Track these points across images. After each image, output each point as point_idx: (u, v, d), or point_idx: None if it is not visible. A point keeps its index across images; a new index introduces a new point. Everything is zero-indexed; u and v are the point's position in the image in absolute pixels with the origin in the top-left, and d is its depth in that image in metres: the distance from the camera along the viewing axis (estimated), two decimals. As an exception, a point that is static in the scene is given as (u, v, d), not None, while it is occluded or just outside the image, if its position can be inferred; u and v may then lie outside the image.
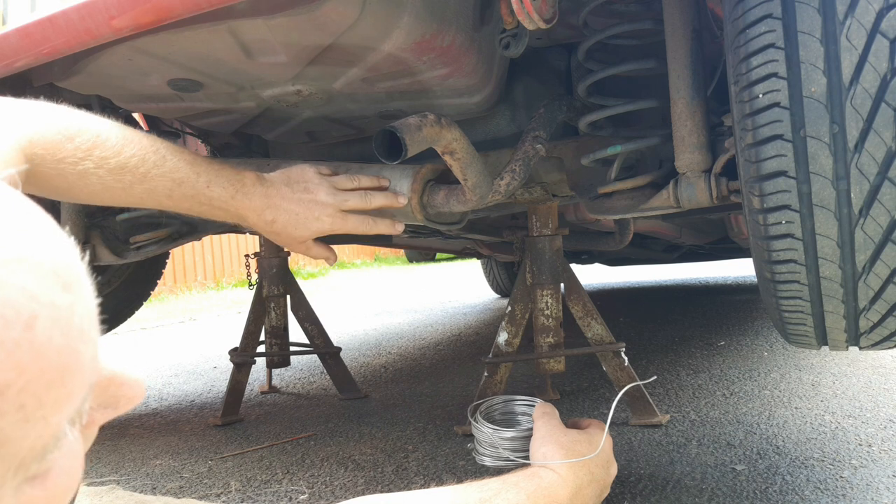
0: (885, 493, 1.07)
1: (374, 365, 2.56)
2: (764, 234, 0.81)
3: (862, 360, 2.00)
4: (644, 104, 1.17)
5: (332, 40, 1.00)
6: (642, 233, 2.24)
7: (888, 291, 0.79)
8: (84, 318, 0.32)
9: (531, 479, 0.87)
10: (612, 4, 1.16)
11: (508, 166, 1.21)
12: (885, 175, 0.73)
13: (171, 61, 1.09)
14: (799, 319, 0.88)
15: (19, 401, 0.28)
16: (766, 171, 0.77)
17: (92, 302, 0.34)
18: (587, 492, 0.90)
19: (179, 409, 2.11)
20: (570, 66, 1.44)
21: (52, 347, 0.30)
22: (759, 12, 0.77)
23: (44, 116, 0.82)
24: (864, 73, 0.71)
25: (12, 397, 0.28)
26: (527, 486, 0.85)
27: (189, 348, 3.47)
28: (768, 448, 1.30)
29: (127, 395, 0.37)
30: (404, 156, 0.95)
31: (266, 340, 2.00)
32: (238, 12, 0.93)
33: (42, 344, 0.29)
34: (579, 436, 0.97)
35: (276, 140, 1.63)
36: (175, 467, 1.50)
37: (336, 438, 1.61)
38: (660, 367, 2.10)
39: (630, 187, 1.19)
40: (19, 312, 0.28)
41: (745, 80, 0.78)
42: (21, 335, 0.28)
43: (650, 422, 1.48)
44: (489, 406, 1.15)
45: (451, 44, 1.06)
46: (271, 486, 1.32)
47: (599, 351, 1.47)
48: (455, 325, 3.51)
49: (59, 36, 0.94)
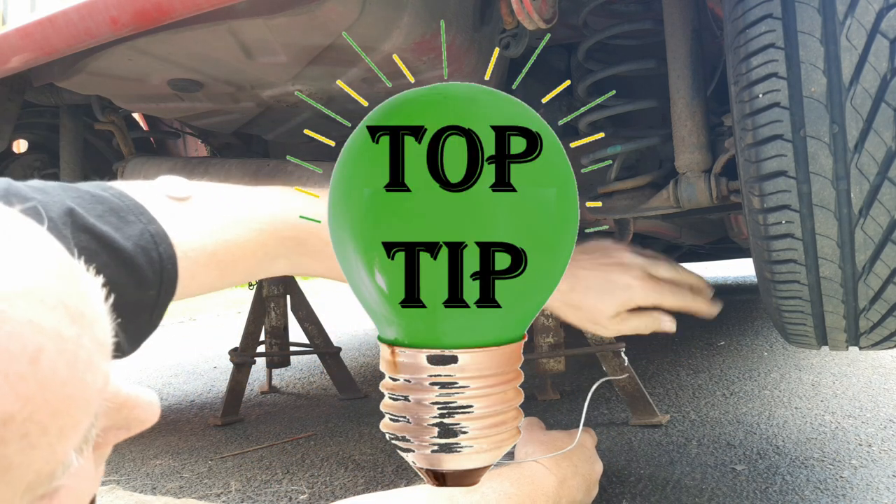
0: (885, 493, 1.07)
1: (374, 365, 2.56)
2: (764, 234, 0.81)
3: (862, 360, 2.00)
4: (644, 104, 1.17)
5: (332, 40, 1.00)
6: (642, 233, 2.23)
7: (888, 291, 0.79)
8: (91, 349, 0.33)
9: (514, 469, 0.89)
10: (612, 4, 1.16)
11: (508, 166, 1.21)
12: (885, 175, 0.73)
13: (171, 61, 1.09)
14: (799, 319, 0.88)
15: (24, 430, 0.29)
16: (766, 171, 0.77)
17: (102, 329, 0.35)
18: (572, 483, 0.92)
19: (179, 409, 2.11)
20: (570, 66, 1.44)
21: (57, 379, 0.30)
22: (759, 12, 0.77)
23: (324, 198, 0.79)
24: (864, 73, 0.71)
25: (16, 427, 0.29)
26: (510, 474, 0.87)
27: (189, 348, 3.47)
28: (768, 448, 1.30)
29: (139, 418, 0.38)
30: (404, 156, 0.95)
31: (266, 340, 2.00)
32: (238, 12, 0.93)
33: (47, 376, 0.30)
34: (559, 433, 1.00)
35: (276, 140, 1.63)
36: (175, 467, 1.50)
37: (336, 438, 1.61)
38: (660, 367, 2.10)
39: (630, 187, 1.19)
40: (25, 346, 0.29)
41: (745, 80, 0.78)
42: (26, 368, 0.29)
43: (650, 422, 1.48)
44: None
45: (451, 44, 1.06)
46: (271, 486, 1.32)
47: (599, 351, 1.47)
48: (455, 325, 3.50)
49: (59, 36, 0.94)
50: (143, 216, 0.63)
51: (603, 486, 1.16)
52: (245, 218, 0.73)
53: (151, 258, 0.61)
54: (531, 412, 1.66)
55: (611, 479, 1.20)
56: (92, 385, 0.32)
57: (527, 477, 0.87)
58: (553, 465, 0.91)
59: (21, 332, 0.29)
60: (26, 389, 0.29)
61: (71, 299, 0.32)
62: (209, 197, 0.72)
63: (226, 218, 0.71)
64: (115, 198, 0.62)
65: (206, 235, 0.68)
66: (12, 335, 0.29)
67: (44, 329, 0.30)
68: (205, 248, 0.68)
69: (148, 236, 0.62)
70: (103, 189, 0.63)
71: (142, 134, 1.94)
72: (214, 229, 0.69)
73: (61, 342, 0.31)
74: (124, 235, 0.59)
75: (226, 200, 0.73)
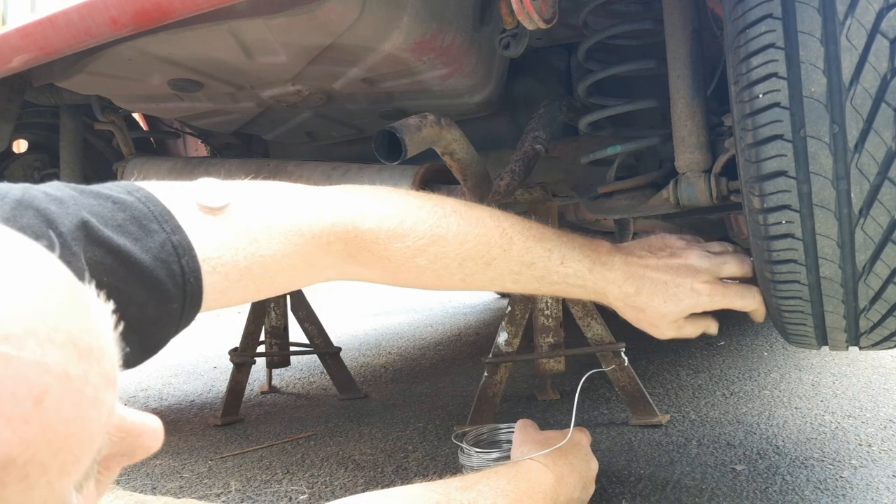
0: (885, 493, 1.07)
1: (373, 365, 2.56)
2: (764, 234, 0.81)
3: (862, 360, 2.00)
4: (644, 104, 1.17)
5: (332, 40, 1.00)
6: (642, 233, 2.24)
7: (888, 291, 0.79)
8: (98, 384, 0.33)
9: (511, 467, 0.89)
10: (612, 4, 1.16)
11: (508, 166, 1.21)
12: (886, 175, 0.73)
13: (171, 61, 1.09)
14: (799, 319, 0.88)
15: (24, 472, 0.29)
16: (766, 171, 0.77)
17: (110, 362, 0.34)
18: (569, 481, 0.92)
19: (179, 409, 2.11)
20: (570, 66, 1.44)
21: (62, 419, 0.30)
22: (759, 12, 0.77)
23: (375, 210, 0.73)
24: (865, 73, 0.71)
25: (17, 470, 0.28)
26: (507, 472, 0.87)
27: (189, 348, 3.47)
28: (768, 448, 1.30)
29: (144, 445, 0.38)
30: (404, 156, 0.95)
31: (266, 340, 2.00)
32: (238, 12, 0.93)
33: (51, 418, 0.29)
34: (553, 432, 1.00)
35: (276, 140, 1.63)
36: (175, 467, 1.50)
37: (336, 438, 1.61)
38: (660, 367, 2.10)
39: (630, 187, 1.19)
40: (31, 388, 0.29)
41: (745, 80, 0.78)
42: (30, 411, 0.29)
43: (650, 422, 1.48)
44: (476, 434, 1.17)
45: (451, 44, 1.06)
46: (271, 486, 1.32)
47: (599, 351, 1.47)
48: (455, 325, 3.51)
49: (59, 36, 0.94)
50: (168, 224, 0.59)
51: (603, 486, 1.16)
52: (287, 229, 0.68)
53: (173, 271, 0.58)
54: (531, 412, 1.67)
55: (611, 479, 1.20)
56: (96, 421, 0.32)
57: (524, 475, 0.87)
58: (550, 464, 0.91)
59: (28, 374, 0.29)
60: (29, 432, 0.28)
61: (80, 335, 0.32)
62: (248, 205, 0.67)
63: (264, 231, 0.66)
64: (141, 203, 0.59)
65: (239, 250, 0.64)
66: (19, 378, 0.28)
67: (51, 369, 0.30)
68: (237, 264, 0.64)
69: (170, 247, 0.58)
70: (129, 192, 0.60)
71: (142, 134, 1.94)
72: (249, 243, 0.65)
73: (67, 381, 0.30)
74: (144, 247, 0.56)
75: (267, 209, 0.68)
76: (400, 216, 0.74)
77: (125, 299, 0.54)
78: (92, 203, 0.56)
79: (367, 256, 0.73)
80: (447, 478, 0.84)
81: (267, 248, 0.66)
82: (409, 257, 0.74)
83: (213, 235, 0.63)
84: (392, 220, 0.74)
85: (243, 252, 0.64)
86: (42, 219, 0.49)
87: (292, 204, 0.70)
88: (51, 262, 0.34)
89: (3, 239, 0.33)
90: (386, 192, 0.77)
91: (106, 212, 0.56)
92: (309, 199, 0.72)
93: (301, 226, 0.69)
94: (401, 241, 0.73)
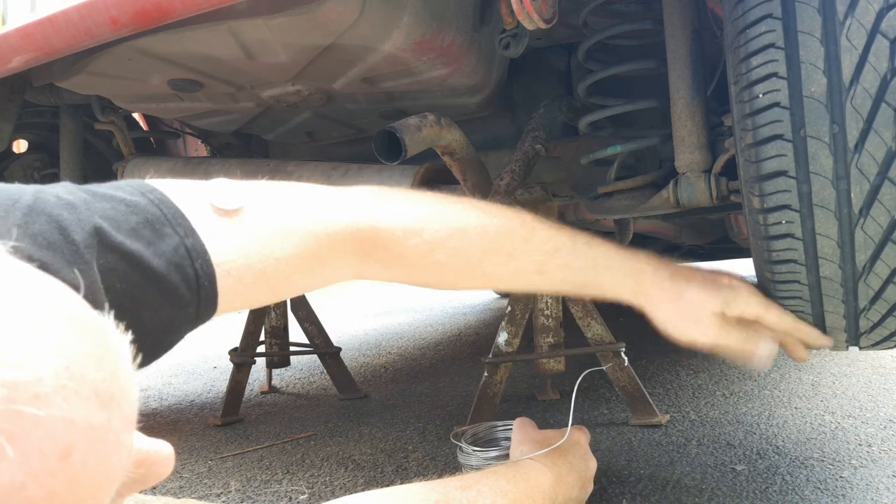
0: (885, 493, 1.07)
1: (373, 365, 2.56)
2: (764, 234, 0.81)
3: (862, 360, 2.00)
4: (644, 104, 1.17)
5: (332, 40, 1.00)
6: (642, 233, 2.24)
7: (888, 291, 0.79)
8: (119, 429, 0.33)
9: (510, 467, 0.89)
10: (612, 4, 1.16)
11: (508, 166, 1.21)
12: (886, 175, 0.73)
13: (171, 61, 1.09)
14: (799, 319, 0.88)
15: None
16: (766, 171, 0.77)
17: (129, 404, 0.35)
18: (568, 480, 0.92)
19: (179, 409, 2.11)
20: (570, 67, 1.44)
21: (86, 471, 0.31)
22: (759, 12, 0.77)
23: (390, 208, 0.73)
24: (865, 73, 0.71)
25: None
26: (506, 472, 0.87)
27: (189, 348, 3.47)
28: (768, 448, 1.30)
29: (157, 472, 0.38)
30: (404, 156, 0.95)
31: (266, 340, 2.00)
32: (238, 12, 0.93)
33: (77, 471, 0.30)
34: (551, 432, 1.00)
35: (276, 140, 1.63)
36: (175, 467, 1.50)
37: (336, 438, 1.61)
38: (660, 367, 2.10)
39: (630, 187, 1.20)
40: (57, 444, 0.29)
41: (745, 80, 0.78)
42: (56, 466, 0.29)
43: (650, 422, 1.48)
44: (474, 433, 1.17)
45: (450, 44, 1.06)
46: (271, 486, 1.32)
47: (599, 351, 1.47)
48: (455, 325, 3.51)
49: (59, 36, 0.94)
50: (181, 227, 0.58)
51: (603, 486, 1.16)
52: (301, 231, 0.67)
53: (186, 275, 0.57)
54: (531, 412, 1.67)
55: (611, 479, 1.20)
56: (118, 465, 0.33)
57: (522, 474, 0.87)
58: (549, 463, 0.91)
59: (54, 430, 0.29)
60: (55, 486, 0.29)
61: (103, 384, 0.32)
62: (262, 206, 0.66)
63: (278, 232, 0.66)
64: (154, 205, 0.58)
65: (253, 253, 0.63)
66: (46, 437, 0.29)
67: (76, 425, 0.30)
68: (251, 267, 0.63)
69: (183, 251, 0.57)
70: (143, 193, 0.59)
71: (142, 134, 1.94)
72: (262, 246, 0.64)
73: (91, 433, 0.31)
74: (157, 252, 0.56)
75: (281, 210, 0.67)
76: (415, 212, 0.74)
77: (139, 304, 0.54)
78: (104, 207, 0.55)
79: (383, 255, 0.73)
80: (446, 477, 0.84)
81: (281, 250, 0.65)
82: (426, 253, 0.73)
83: (227, 238, 0.62)
84: (408, 217, 0.73)
85: (257, 255, 0.64)
86: (54, 225, 0.48)
87: (306, 205, 0.70)
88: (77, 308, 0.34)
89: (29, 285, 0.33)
90: (400, 191, 0.77)
91: (119, 215, 0.55)
92: (323, 199, 0.72)
93: (316, 227, 0.69)
94: (417, 237, 0.72)
